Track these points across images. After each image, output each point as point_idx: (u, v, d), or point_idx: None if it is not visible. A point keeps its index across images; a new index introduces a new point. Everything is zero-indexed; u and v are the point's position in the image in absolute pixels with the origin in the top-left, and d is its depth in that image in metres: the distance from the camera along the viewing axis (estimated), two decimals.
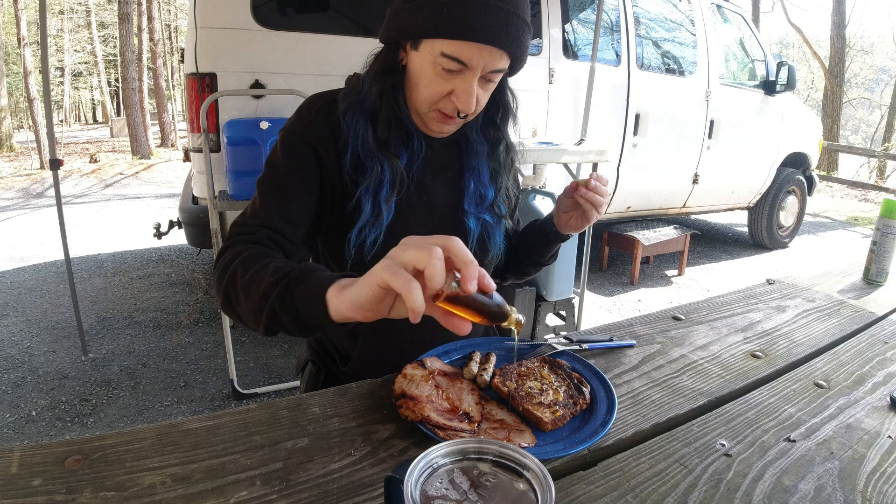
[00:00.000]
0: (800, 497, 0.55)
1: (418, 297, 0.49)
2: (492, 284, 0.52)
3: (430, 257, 0.49)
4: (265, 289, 0.65)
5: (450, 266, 0.51)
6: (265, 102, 2.50)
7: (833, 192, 8.87)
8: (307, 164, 0.83)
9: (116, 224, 5.31)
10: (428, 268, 0.49)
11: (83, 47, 19.84)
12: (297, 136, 0.84)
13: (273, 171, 0.84)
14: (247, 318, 0.70)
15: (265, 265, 0.68)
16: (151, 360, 2.58)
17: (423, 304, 0.49)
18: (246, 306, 0.69)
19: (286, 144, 0.84)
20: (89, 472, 0.53)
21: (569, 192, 0.90)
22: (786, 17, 15.84)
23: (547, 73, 3.17)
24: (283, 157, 0.83)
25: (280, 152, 0.84)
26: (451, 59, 0.75)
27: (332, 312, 0.59)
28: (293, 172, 0.83)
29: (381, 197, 0.83)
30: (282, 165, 0.83)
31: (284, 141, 0.85)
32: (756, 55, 4.54)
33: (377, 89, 0.83)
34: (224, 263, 0.73)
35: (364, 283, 0.54)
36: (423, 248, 0.50)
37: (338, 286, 0.59)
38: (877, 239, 1.21)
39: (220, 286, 0.73)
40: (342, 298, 0.57)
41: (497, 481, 0.42)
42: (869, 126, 20.78)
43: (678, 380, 0.78)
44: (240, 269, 0.70)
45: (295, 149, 0.84)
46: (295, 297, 0.63)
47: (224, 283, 0.72)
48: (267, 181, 0.84)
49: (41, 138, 9.21)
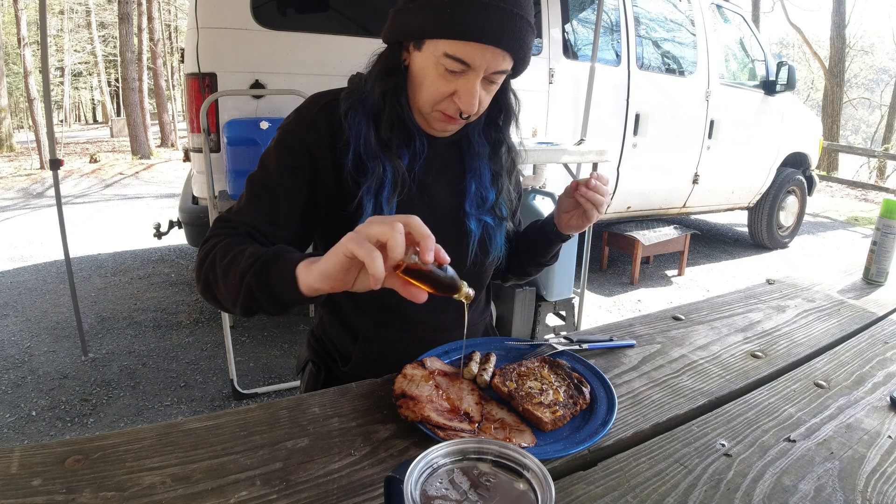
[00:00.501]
0: (800, 497, 0.55)
1: (379, 265, 0.54)
2: (446, 257, 0.59)
3: (393, 230, 0.55)
4: (242, 269, 0.69)
5: (410, 241, 0.57)
6: (265, 102, 2.50)
7: (833, 192, 8.87)
8: (300, 166, 0.83)
9: (116, 224, 5.31)
10: (390, 240, 0.55)
11: (83, 47, 19.84)
12: (294, 136, 0.84)
13: (264, 170, 0.84)
14: (225, 300, 0.74)
15: (242, 250, 0.72)
16: (151, 360, 2.58)
17: (382, 271, 0.54)
18: (224, 288, 0.72)
19: (281, 144, 0.84)
20: (89, 472, 0.53)
21: (569, 192, 0.90)
22: (786, 17, 15.85)
23: (547, 73, 3.17)
24: (276, 157, 0.84)
25: (274, 151, 0.84)
26: (455, 60, 0.75)
27: (302, 286, 0.64)
28: (284, 173, 0.83)
29: (382, 197, 0.83)
30: (274, 165, 0.83)
31: (280, 140, 0.85)
32: (756, 55, 4.54)
33: (380, 89, 0.83)
34: (205, 251, 0.77)
35: (331, 254, 0.59)
36: (386, 223, 0.56)
37: (307, 262, 0.64)
38: (877, 239, 1.21)
39: (201, 272, 0.76)
40: (311, 270, 0.62)
41: (497, 481, 0.42)
42: (869, 126, 20.79)
43: (678, 380, 0.78)
44: (219, 255, 0.73)
45: (289, 149, 0.84)
46: (269, 275, 0.67)
47: (204, 268, 0.75)
48: (257, 180, 0.84)
49: (41, 138, 9.21)
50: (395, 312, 0.92)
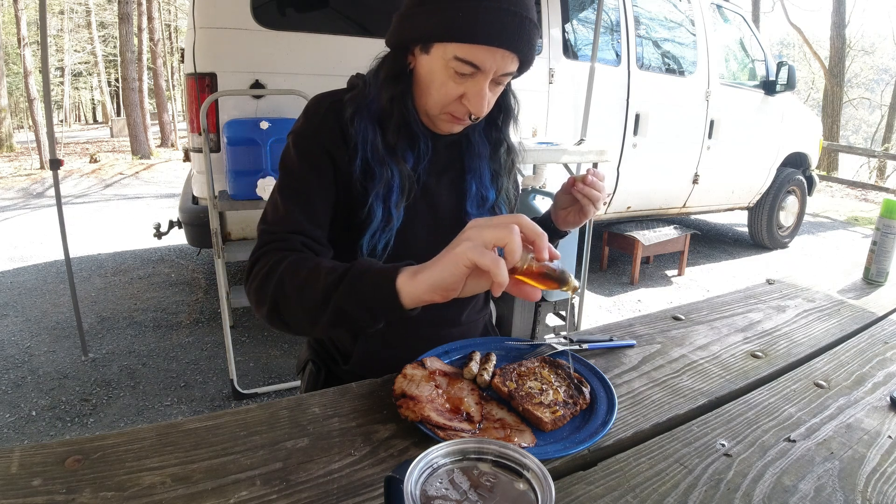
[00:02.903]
0: (800, 497, 0.55)
1: (505, 273, 0.54)
2: (557, 253, 0.59)
3: (511, 234, 0.54)
4: (326, 287, 0.66)
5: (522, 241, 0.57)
6: (265, 102, 2.50)
7: (833, 192, 8.87)
8: (323, 166, 0.83)
9: (116, 224, 5.31)
10: (509, 244, 0.54)
11: (83, 47, 19.84)
12: (309, 139, 0.84)
13: (290, 175, 0.83)
14: (300, 322, 0.71)
15: (315, 266, 0.70)
16: (151, 360, 2.58)
17: (507, 277, 0.54)
18: (301, 310, 0.70)
19: (299, 147, 0.84)
20: (89, 472, 0.53)
21: (566, 188, 0.90)
22: (786, 17, 15.84)
23: (547, 73, 3.17)
24: (299, 160, 0.83)
25: (294, 155, 0.84)
26: (465, 63, 0.75)
27: (405, 298, 0.61)
28: (310, 174, 0.82)
29: (391, 202, 0.83)
30: (298, 169, 0.83)
31: (297, 144, 0.84)
32: (756, 55, 4.54)
33: (388, 95, 0.82)
34: (265, 272, 0.73)
35: (448, 265, 0.57)
36: (502, 227, 0.55)
37: (408, 272, 0.62)
38: (877, 239, 1.21)
39: (265, 295, 0.72)
40: (417, 282, 0.60)
41: (497, 481, 0.42)
42: (869, 126, 20.78)
43: (678, 380, 0.78)
44: (288, 275, 0.71)
45: (308, 151, 0.83)
46: (362, 290, 0.64)
47: (271, 290, 0.72)
48: (287, 186, 0.83)
49: (41, 138, 9.20)
50: None
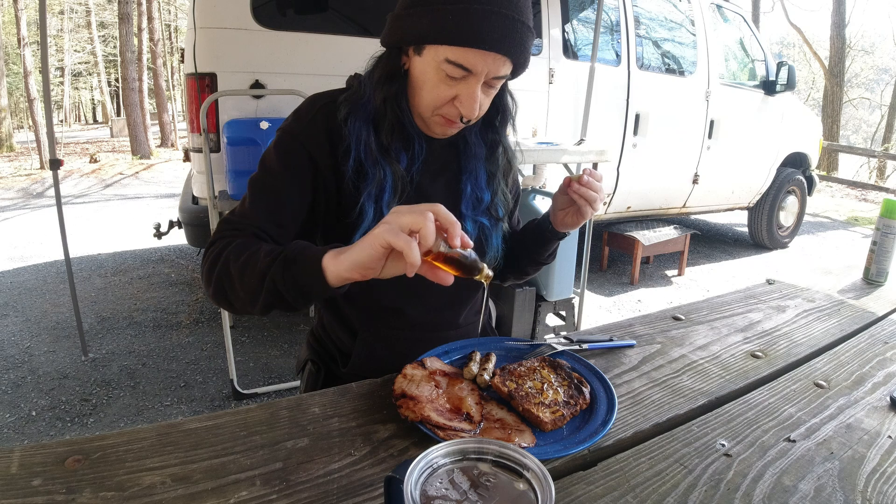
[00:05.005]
0: (800, 497, 0.55)
1: (417, 254, 0.57)
2: (469, 241, 0.62)
3: (425, 220, 0.58)
4: (262, 268, 0.69)
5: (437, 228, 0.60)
6: (265, 102, 2.50)
7: (833, 192, 8.87)
8: (300, 167, 0.83)
9: (116, 224, 5.31)
10: (423, 229, 0.58)
11: (83, 47, 19.85)
12: (293, 138, 0.84)
13: (265, 171, 0.84)
14: (241, 301, 0.74)
15: (257, 250, 0.72)
16: (151, 360, 2.58)
17: (419, 259, 0.57)
18: (241, 289, 0.72)
19: (280, 145, 0.84)
20: (89, 472, 0.53)
21: (563, 189, 0.90)
22: (786, 17, 15.84)
23: (547, 73, 3.17)
24: (277, 159, 0.83)
25: (274, 153, 0.84)
26: (456, 66, 0.75)
27: (330, 276, 0.65)
28: (285, 174, 0.83)
29: (383, 202, 0.83)
30: (274, 167, 0.83)
31: (279, 141, 0.85)
32: (756, 55, 4.54)
33: (381, 95, 0.82)
34: (214, 254, 0.76)
35: (366, 245, 0.61)
36: (416, 213, 0.59)
37: (333, 253, 0.66)
38: (877, 239, 1.21)
39: (212, 275, 0.75)
40: (340, 261, 0.64)
41: (497, 481, 0.42)
42: (869, 126, 20.77)
43: (678, 380, 0.78)
44: (232, 256, 0.73)
45: (289, 150, 0.84)
46: (293, 270, 0.67)
47: (216, 271, 0.75)
48: (259, 182, 0.84)
49: (41, 138, 9.21)
50: (393, 311, 0.92)
